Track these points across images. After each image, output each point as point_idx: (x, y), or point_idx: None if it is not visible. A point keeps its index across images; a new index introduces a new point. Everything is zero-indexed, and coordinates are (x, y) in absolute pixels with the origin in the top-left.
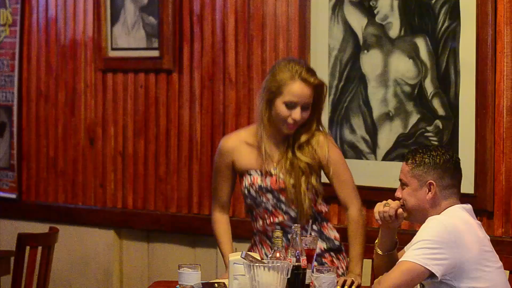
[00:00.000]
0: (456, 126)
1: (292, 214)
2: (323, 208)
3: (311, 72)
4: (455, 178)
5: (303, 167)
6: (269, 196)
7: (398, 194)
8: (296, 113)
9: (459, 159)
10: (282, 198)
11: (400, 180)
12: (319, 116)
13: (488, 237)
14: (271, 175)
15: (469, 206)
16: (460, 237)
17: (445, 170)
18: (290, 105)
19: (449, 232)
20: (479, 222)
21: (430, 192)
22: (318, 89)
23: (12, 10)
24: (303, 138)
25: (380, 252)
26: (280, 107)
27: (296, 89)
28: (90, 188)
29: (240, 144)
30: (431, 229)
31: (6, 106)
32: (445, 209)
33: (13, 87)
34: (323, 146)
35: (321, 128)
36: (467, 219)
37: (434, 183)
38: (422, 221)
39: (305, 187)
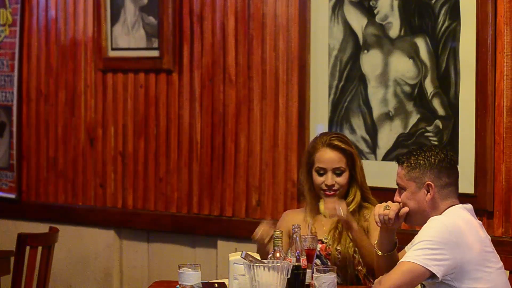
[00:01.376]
0: (456, 126)
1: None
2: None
3: (339, 139)
4: (452, 176)
5: (350, 236)
6: (317, 261)
7: (397, 198)
8: (328, 179)
9: (454, 157)
10: (328, 263)
11: (398, 184)
12: (360, 184)
13: (489, 237)
14: (322, 242)
15: (469, 206)
16: (461, 237)
17: (441, 169)
18: (321, 172)
19: (450, 232)
20: (480, 222)
21: (429, 194)
22: (347, 154)
23: (12, 10)
24: (351, 207)
25: (380, 253)
26: (314, 176)
27: (323, 155)
28: (90, 188)
29: (299, 217)
30: (432, 229)
31: (6, 106)
32: (445, 209)
33: (13, 87)
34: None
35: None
36: (468, 219)
37: (432, 183)
38: (422, 223)
39: (352, 254)
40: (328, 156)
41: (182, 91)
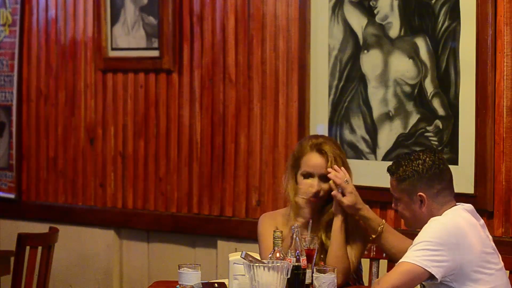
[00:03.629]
0: (456, 126)
1: None
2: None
3: (329, 144)
4: (444, 180)
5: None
6: None
7: (394, 206)
8: (314, 185)
9: (442, 160)
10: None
11: (392, 194)
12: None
13: (491, 238)
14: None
15: (470, 206)
16: (462, 238)
17: (431, 177)
18: (307, 176)
19: (450, 233)
20: (483, 222)
21: (423, 205)
22: (336, 161)
23: (12, 10)
24: (329, 216)
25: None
26: (299, 180)
27: (311, 159)
28: (90, 188)
29: (277, 220)
30: (432, 230)
31: (5, 106)
32: (444, 211)
33: (12, 87)
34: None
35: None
36: (469, 220)
37: (423, 194)
38: (422, 227)
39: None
40: (316, 161)
41: (182, 91)
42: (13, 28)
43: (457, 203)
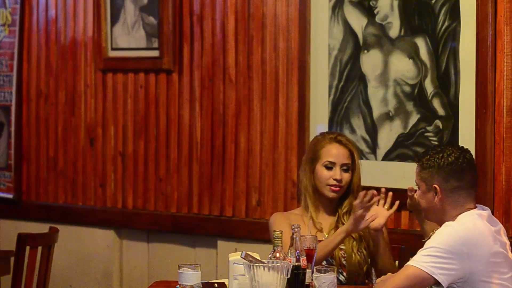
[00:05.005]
0: (456, 126)
1: (341, 278)
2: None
3: (346, 138)
4: (463, 179)
5: (353, 235)
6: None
7: (416, 194)
8: (336, 173)
9: (468, 160)
10: (333, 262)
11: (415, 180)
12: (357, 186)
13: (508, 243)
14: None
15: (487, 212)
16: (473, 248)
17: (449, 173)
18: (329, 167)
19: (462, 242)
20: (500, 226)
21: (436, 196)
22: (352, 153)
23: (11, 10)
24: (345, 208)
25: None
26: (320, 171)
27: (332, 149)
28: (90, 188)
29: (291, 220)
30: (445, 236)
31: (5, 106)
32: (459, 214)
33: (12, 87)
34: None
35: None
36: (483, 228)
37: (438, 187)
38: (437, 221)
39: (355, 252)
40: (338, 151)
41: (182, 91)
42: (13, 28)
43: (477, 205)
